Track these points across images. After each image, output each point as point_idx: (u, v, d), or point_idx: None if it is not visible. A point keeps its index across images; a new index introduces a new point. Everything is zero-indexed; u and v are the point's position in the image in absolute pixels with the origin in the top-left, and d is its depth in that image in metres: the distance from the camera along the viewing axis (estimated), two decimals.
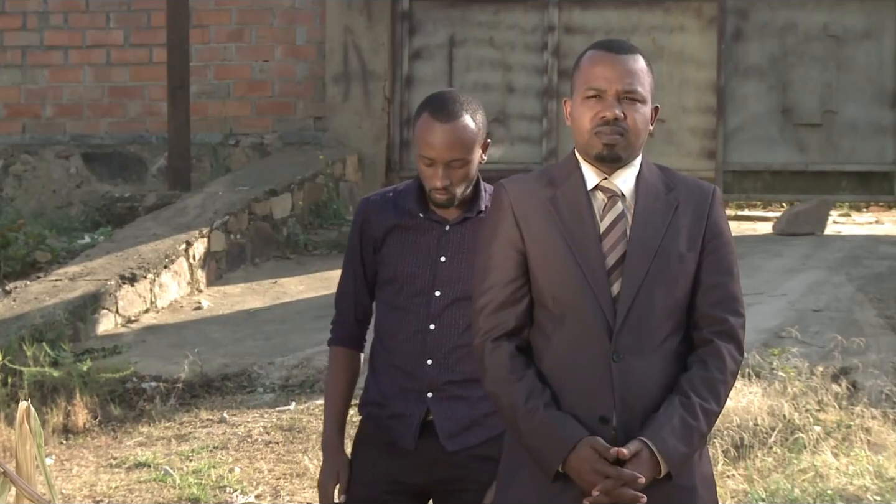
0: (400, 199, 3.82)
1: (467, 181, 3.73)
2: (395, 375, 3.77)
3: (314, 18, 11.58)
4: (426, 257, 3.76)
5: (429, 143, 3.67)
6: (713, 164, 11.22)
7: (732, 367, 3.23)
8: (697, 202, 3.26)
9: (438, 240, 3.76)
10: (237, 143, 11.57)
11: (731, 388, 3.24)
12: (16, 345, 7.46)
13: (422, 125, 3.70)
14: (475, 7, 11.52)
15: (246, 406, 7.15)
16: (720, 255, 3.25)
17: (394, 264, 3.78)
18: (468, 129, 3.71)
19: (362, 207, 3.87)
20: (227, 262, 9.68)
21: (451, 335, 3.73)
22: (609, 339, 3.15)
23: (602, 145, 3.19)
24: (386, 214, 3.81)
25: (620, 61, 3.20)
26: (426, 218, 3.77)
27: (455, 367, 3.72)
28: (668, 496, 3.15)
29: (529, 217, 3.23)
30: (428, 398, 3.73)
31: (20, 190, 11.84)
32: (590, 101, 3.20)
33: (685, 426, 3.14)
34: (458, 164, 3.69)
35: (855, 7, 11.25)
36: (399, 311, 3.78)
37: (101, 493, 6.25)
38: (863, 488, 5.92)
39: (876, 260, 9.53)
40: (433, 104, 3.73)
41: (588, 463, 3.09)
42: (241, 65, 11.64)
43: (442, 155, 3.67)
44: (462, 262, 3.73)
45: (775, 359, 6.97)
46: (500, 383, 3.23)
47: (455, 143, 3.68)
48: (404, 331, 3.77)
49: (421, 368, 3.74)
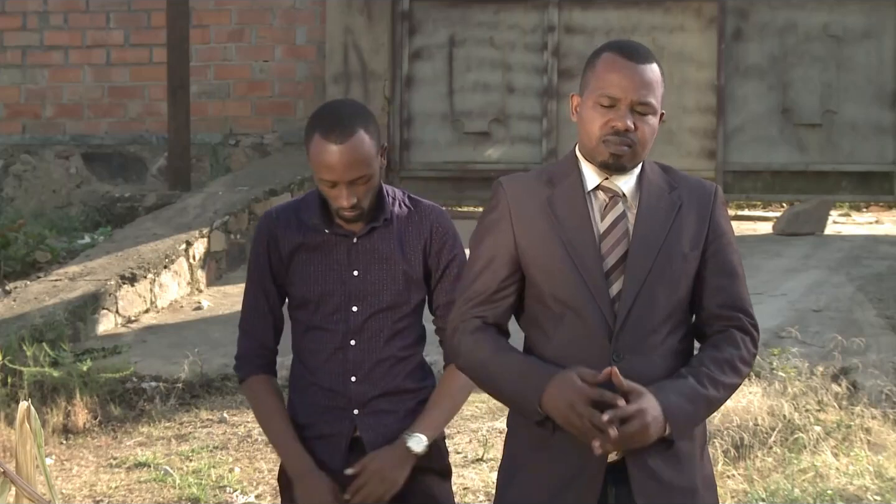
0: (303, 214, 3.69)
1: (373, 192, 3.61)
2: (319, 395, 3.68)
3: (314, 18, 11.58)
4: (337, 273, 3.66)
5: (326, 166, 3.54)
6: (713, 164, 11.22)
7: (746, 354, 3.21)
8: (700, 201, 3.25)
9: (348, 253, 3.66)
10: (237, 143, 11.57)
11: (743, 374, 3.21)
12: (16, 345, 7.46)
13: (315, 148, 3.57)
14: (475, 7, 11.52)
15: (246, 406, 7.14)
16: (724, 256, 3.24)
17: (305, 284, 3.67)
18: (364, 144, 3.55)
19: (266, 224, 3.73)
20: (227, 262, 9.68)
21: (373, 349, 3.65)
22: (609, 339, 3.15)
23: (609, 154, 3.17)
24: (290, 231, 3.68)
25: (638, 71, 3.17)
26: (332, 233, 3.66)
27: (380, 382, 3.66)
28: (669, 498, 3.15)
29: (527, 217, 3.22)
30: (354, 415, 3.66)
31: (20, 190, 11.84)
32: (602, 108, 3.17)
33: (692, 390, 3.13)
34: (361, 181, 3.56)
35: (855, 7, 11.25)
36: (317, 331, 3.68)
37: (101, 493, 6.25)
38: (863, 488, 5.92)
39: (876, 260, 9.53)
40: (323, 124, 3.58)
41: (570, 388, 3.06)
42: (241, 65, 11.64)
43: (343, 176, 3.54)
44: (376, 274, 3.65)
45: (775, 359, 6.97)
46: (473, 353, 3.23)
47: (353, 162, 3.53)
48: (324, 349, 3.67)
49: (345, 386, 3.66)
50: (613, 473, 3.16)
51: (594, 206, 3.23)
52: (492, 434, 6.38)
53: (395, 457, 3.61)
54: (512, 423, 3.32)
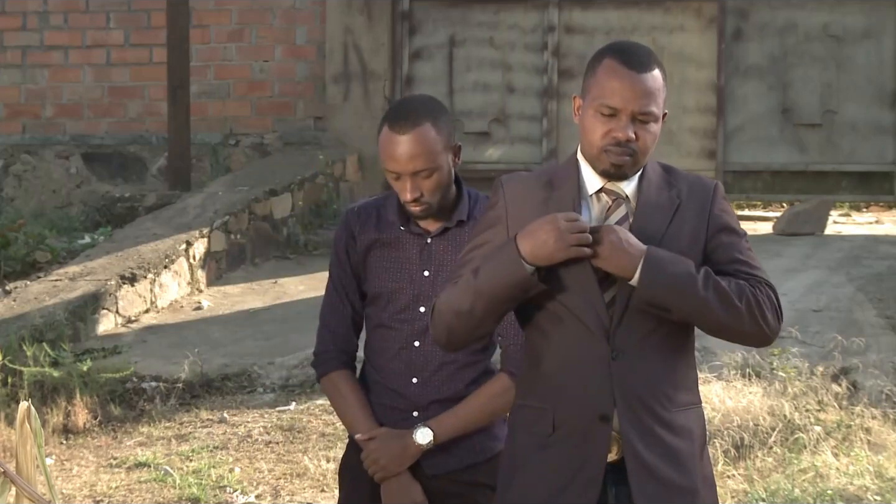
0: (384, 211, 3.72)
1: (440, 189, 3.60)
2: (384, 394, 3.69)
3: (314, 18, 11.57)
4: (408, 272, 3.67)
5: (390, 157, 3.56)
6: (713, 164, 11.21)
7: (765, 299, 3.10)
8: (699, 199, 3.23)
9: (420, 253, 3.67)
10: (237, 143, 11.56)
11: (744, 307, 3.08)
12: (16, 345, 7.46)
13: (383, 139, 3.59)
14: (475, 7, 11.52)
15: (246, 406, 7.15)
16: (729, 246, 3.20)
17: (377, 280, 3.68)
18: (428, 137, 3.55)
19: (347, 220, 3.76)
20: (227, 262, 9.68)
21: (437, 352, 3.62)
22: (606, 340, 3.15)
23: (610, 164, 3.16)
24: (368, 227, 3.71)
25: (639, 80, 3.13)
26: (407, 231, 3.67)
27: (441, 386, 3.65)
28: (668, 497, 3.15)
29: (521, 216, 3.21)
30: (413, 417, 3.65)
31: (20, 190, 11.84)
32: (602, 117, 3.15)
33: (686, 263, 3.08)
34: (424, 175, 3.56)
35: (855, 7, 11.25)
36: (384, 329, 3.69)
37: (101, 493, 6.25)
38: (863, 488, 5.92)
39: (876, 260, 9.53)
40: (391, 115, 3.61)
41: (547, 218, 3.08)
42: (241, 65, 11.63)
43: (405, 167, 3.55)
44: (445, 277, 3.60)
45: (775, 359, 6.97)
46: (445, 291, 3.22)
47: (416, 154, 3.54)
48: (390, 348, 3.68)
49: (406, 387, 3.66)
50: (613, 473, 3.16)
51: (596, 208, 3.22)
52: None
53: (396, 446, 3.61)
54: (512, 423, 3.32)
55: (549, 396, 3.19)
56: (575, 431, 3.15)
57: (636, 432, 3.13)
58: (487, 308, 3.17)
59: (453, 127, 3.66)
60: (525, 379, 3.29)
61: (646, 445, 3.13)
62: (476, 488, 3.66)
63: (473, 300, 3.16)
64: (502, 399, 3.61)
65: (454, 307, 3.19)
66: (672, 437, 3.16)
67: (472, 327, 3.22)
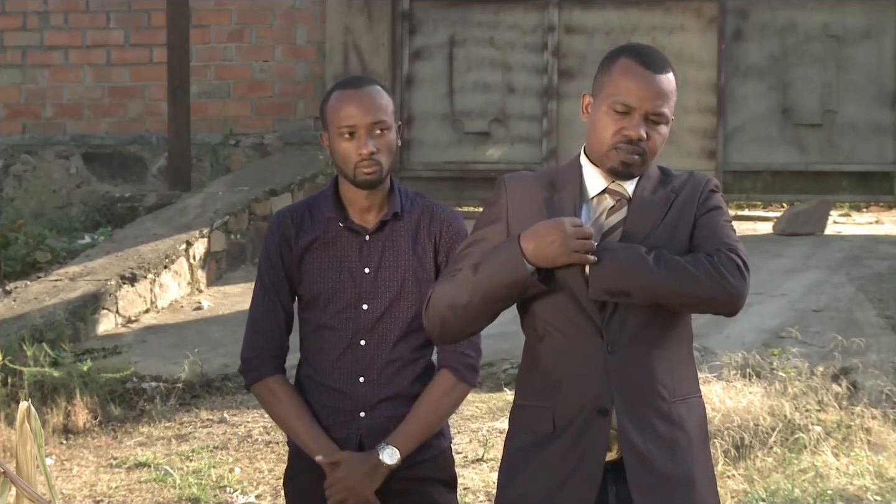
0: (315, 210, 3.70)
1: (391, 153, 3.61)
2: (326, 396, 3.65)
3: (314, 18, 11.58)
4: (348, 270, 3.64)
5: (347, 113, 3.58)
6: (713, 164, 11.21)
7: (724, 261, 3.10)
8: (692, 191, 3.25)
9: (360, 251, 3.65)
10: (237, 143, 11.56)
11: (704, 277, 3.08)
12: (16, 345, 7.46)
13: (335, 101, 3.62)
14: (475, 7, 11.52)
15: (246, 406, 7.15)
16: (709, 222, 3.19)
17: (315, 281, 3.65)
18: (382, 95, 3.63)
19: (279, 222, 3.72)
20: (228, 262, 9.68)
21: (383, 350, 3.62)
22: (600, 335, 3.15)
23: (619, 161, 3.18)
24: (303, 228, 3.68)
25: (655, 81, 3.17)
26: (345, 227, 3.65)
27: (388, 384, 3.63)
28: (665, 489, 3.15)
29: (522, 215, 3.23)
30: (360, 418, 3.62)
31: (20, 190, 11.84)
32: (615, 115, 3.17)
33: (634, 249, 3.11)
34: (379, 128, 3.59)
35: (855, 7, 11.25)
36: (326, 330, 3.65)
37: (101, 493, 6.25)
38: (863, 488, 5.92)
39: (876, 260, 9.53)
40: (342, 82, 3.68)
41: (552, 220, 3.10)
42: (241, 65, 11.63)
43: (363, 118, 3.57)
44: (387, 272, 3.63)
45: (775, 359, 6.97)
46: (442, 285, 3.22)
47: (374, 106, 3.58)
48: (334, 349, 3.64)
49: (353, 387, 3.63)
50: (613, 473, 3.17)
51: (598, 209, 3.23)
52: (492, 434, 6.38)
53: (364, 468, 3.57)
54: (512, 422, 3.32)
55: (549, 395, 3.20)
56: (574, 427, 3.16)
57: (634, 425, 3.14)
58: (484, 304, 3.17)
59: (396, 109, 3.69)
60: (524, 379, 3.30)
61: (643, 438, 3.14)
62: (425, 483, 3.65)
63: (471, 296, 3.17)
64: (449, 398, 3.63)
65: (450, 301, 3.20)
66: (671, 428, 3.17)
67: (466, 322, 3.22)
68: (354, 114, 3.57)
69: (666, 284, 3.09)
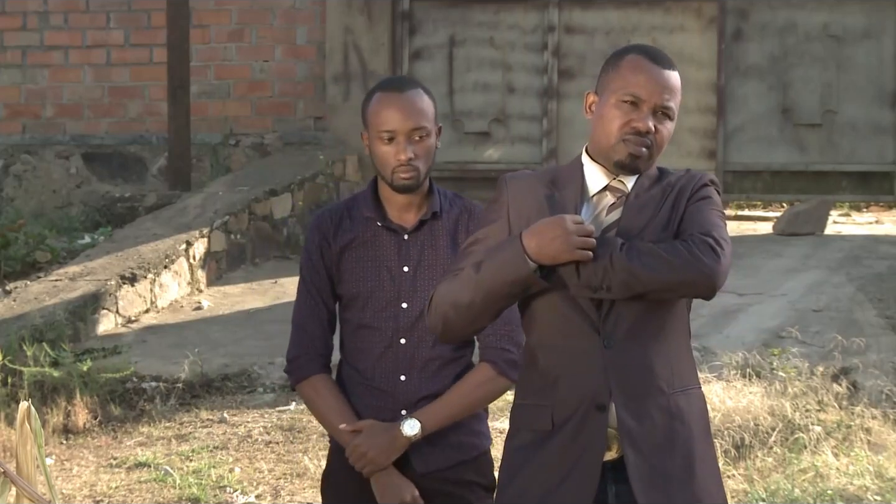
0: (355, 210, 3.72)
1: (429, 159, 3.63)
2: (367, 394, 3.67)
3: (314, 18, 11.58)
4: (387, 269, 3.66)
5: (387, 117, 3.58)
6: (713, 164, 11.21)
7: (698, 244, 3.09)
8: (684, 186, 3.25)
9: (398, 250, 3.67)
10: (237, 143, 11.57)
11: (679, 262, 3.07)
12: (16, 345, 7.46)
13: (375, 103, 3.62)
14: (475, 7, 11.52)
15: (246, 406, 7.15)
16: (695, 210, 3.19)
17: (355, 280, 3.67)
18: (424, 99, 3.62)
19: (319, 222, 3.73)
20: (228, 262, 9.68)
21: (423, 348, 3.64)
22: (596, 331, 3.16)
23: (627, 154, 3.19)
24: (342, 228, 3.70)
25: (664, 76, 3.21)
26: (384, 226, 3.67)
27: (429, 382, 3.65)
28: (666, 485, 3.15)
29: (523, 213, 3.24)
30: (402, 416, 3.63)
31: (20, 190, 11.84)
32: (625, 107, 3.18)
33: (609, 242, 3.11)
34: (419, 136, 3.60)
35: (855, 7, 11.25)
36: (366, 329, 3.67)
37: (101, 493, 6.25)
38: (863, 488, 5.92)
39: (876, 260, 9.54)
40: (385, 83, 3.68)
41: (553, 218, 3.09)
42: (241, 65, 11.64)
43: (404, 124, 3.58)
44: (426, 271, 3.64)
45: (775, 359, 6.97)
46: (445, 283, 3.21)
47: (414, 111, 3.59)
48: (375, 348, 3.66)
49: (395, 385, 3.64)
50: (613, 472, 3.17)
51: (598, 206, 3.24)
52: (492, 434, 6.36)
53: (384, 438, 3.60)
54: (513, 421, 3.32)
55: (547, 393, 3.20)
56: (573, 424, 3.16)
57: (633, 418, 3.14)
58: (486, 303, 3.17)
59: (437, 108, 3.68)
60: (523, 378, 3.31)
61: (643, 431, 3.15)
62: (466, 487, 3.66)
63: (473, 294, 3.17)
64: (485, 388, 3.65)
65: (453, 299, 3.20)
66: (670, 420, 3.17)
67: (469, 321, 3.22)
68: (395, 119, 3.58)
69: (640, 273, 3.08)
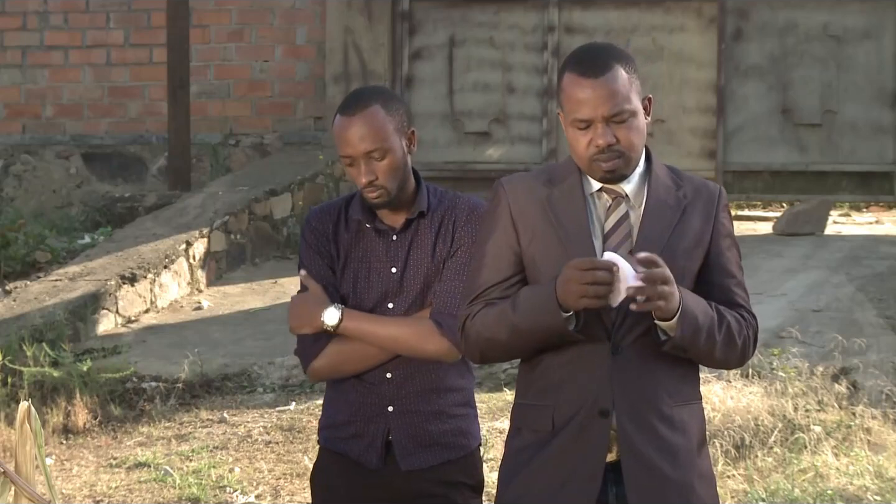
0: (347, 211, 3.71)
1: (395, 173, 3.58)
2: (354, 390, 3.67)
3: (314, 18, 11.58)
4: (376, 271, 3.66)
5: (343, 141, 3.57)
6: (713, 164, 11.22)
7: (746, 331, 3.21)
8: (705, 201, 3.26)
9: (387, 251, 3.66)
10: (237, 143, 11.57)
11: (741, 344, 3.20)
12: (16, 345, 7.46)
13: (335, 127, 3.62)
14: (475, 7, 11.52)
15: (246, 406, 7.15)
16: (728, 258, 3.26)
17: (344, 281, 3.68)
18: (377, 117, 3.56)
19: (321, 216, 3.72)
20: (227, 262, 9.68)
21: None
22: (607, 337, 3.15)
23: (602, 172, 3.18)
24: (340, 227, 3.70)
25: (598, 86, 3.13)
26: (372, 227, 3.66)
27: (415, 379, 3.64)
28: (662, 492, 3.15)
29: (526, 214, 3.23)
30: (388, 412, 3.64)
31: (20, 190, 11.84)
32: (580, 130, 3.16)
33: (706, 305, 3.14)
34: (376, 156, 3.56)
35: (855, 7, 11.25)
36: None
37: (101, 493, 6.25)
38: (863, 488, 5.92)
39: (876, 260, 9.53)
40: (342, 104, 3.65)
41: (568, 268, 3.04)
42: (241, 65, 11.64)
43: (357, 148, 3.55)
44: (413, 271, 3.64)
45: (775, 359, 6.97)
46: (483, 321, 3.20)
47: (365, 134, 3.55)
48: None
49: (381, 382, 3.64)
50: (614, 474, 3.17)
51: (597, 206, 3.24)
52: (492, 434, 6.37)
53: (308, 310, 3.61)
54: (513, 421, 3.32)
55: (549, 394, 3.20)
56: (574, 427, 3.16)
57: (634, 427, 3.14)
58: (525, 343, 3.19)
59: (408, 113, 3.65)
60: (525, 378, 3.30)
61: (643, 441, 3.14)
62: (453, 487, 3.65)
63: (510, 335, 3.18)
64: (419, 335, 3.58)
65: (489, 335, 3.20)
66: (671, 432, 3.17)
67: (506, 355, 3.28)
68: (348, 144, 3.58)
69: (716, 351, 3.18)
